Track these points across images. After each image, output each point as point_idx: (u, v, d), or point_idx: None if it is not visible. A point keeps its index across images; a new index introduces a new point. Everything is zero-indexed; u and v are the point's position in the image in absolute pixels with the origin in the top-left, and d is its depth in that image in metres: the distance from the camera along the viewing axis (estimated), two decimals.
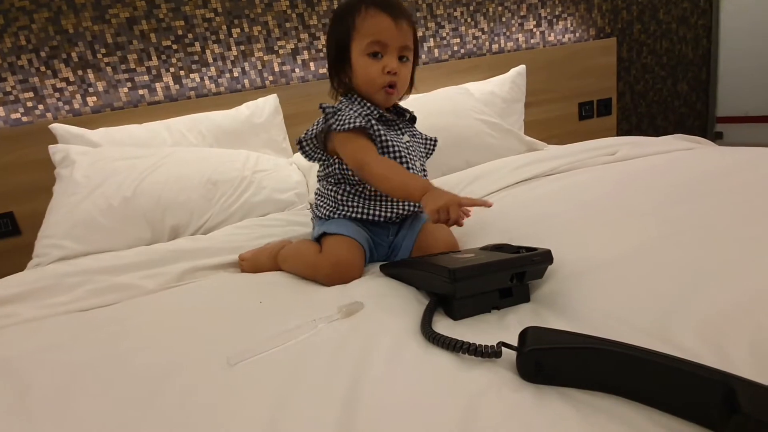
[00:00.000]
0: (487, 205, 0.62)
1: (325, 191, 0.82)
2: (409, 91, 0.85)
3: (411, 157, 0.79)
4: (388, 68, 0.74)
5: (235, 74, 1.54)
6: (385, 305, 0.53)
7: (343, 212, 0.78)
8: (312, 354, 0.44)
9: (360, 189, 0.78)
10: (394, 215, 0.79)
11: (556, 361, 0.36)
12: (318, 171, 0.85)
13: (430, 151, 0.91)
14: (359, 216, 0.77)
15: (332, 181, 0.81)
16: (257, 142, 1.35)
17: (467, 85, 1.59)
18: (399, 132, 0.82)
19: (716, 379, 0.29)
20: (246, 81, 1.55)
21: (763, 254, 0.47)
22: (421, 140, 0.88)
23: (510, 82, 1.64)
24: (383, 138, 0.75)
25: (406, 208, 0.80)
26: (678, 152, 1.09)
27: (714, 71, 2.19)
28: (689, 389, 0.31)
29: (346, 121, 0.72)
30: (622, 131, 2.11)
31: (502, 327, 0.48)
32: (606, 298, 0.48)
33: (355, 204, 0.78)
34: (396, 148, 0.76)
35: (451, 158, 1.23)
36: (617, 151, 1.13)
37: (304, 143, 0.80)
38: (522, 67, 1.69)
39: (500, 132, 1.33)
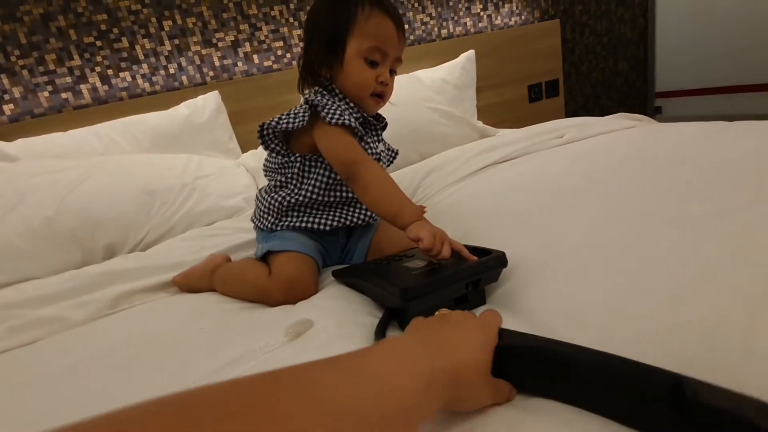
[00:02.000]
0: (472, 258, 0.53)
1: (267, 198, 0.75)
2: None
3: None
4: (382, 79, 0.69)
5: (171, 71, 1.43)
6: (336, 322, 0.50)
7: (287, 222, 0.73)
8: None
9: (308, 197, 0.71)
10: (341, 225, 0.73)
11: (504, 362, 0.34)
12: (267, 162, 0.77)
13: (389, 164, 0.86)
14: (306, 226, 0.72)
15: (280, 181, 0.74)
16: (200, 144, 1.27)
17: (417, 73, 1.56)
18: (376, 140, 0.78)
19: (662, 372, 0.28)
20: (184, 78, 1.45)
21: (706, 239, 0.48)
22: (386, 151, 0.83)
23: (460, 67, 1.63)
24: (364, 145, 0.70)
25: (357, 218, 0.74)
26: (622, 131, 1.13)
27: (651, 48, 2.28)
28: (634, 387, 0.29)
29: (340, 115, 0.65)
30: (569, 112, 2.16)
31: None
32: (557, 296, 0.48)
33: (301, 213, 0.73)
34: (374, 158, 0.72)
35: (404, 150, 1.19)
36: (565, 134, 1.15)
37: (267, 131, 0.71)
38: (471, 53, 1.68)
39: (452, 120, 1.31)
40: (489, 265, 0.50)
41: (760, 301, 0.36)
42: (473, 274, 0.49)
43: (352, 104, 0.72)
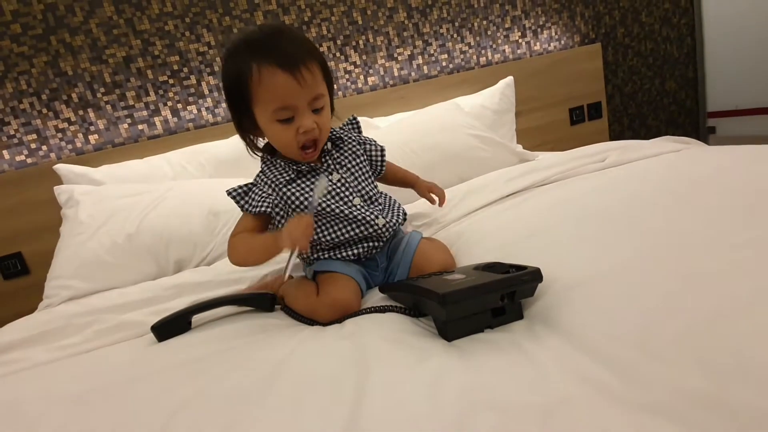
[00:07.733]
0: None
1: None
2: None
3: (344, 196, 0.75)
4: (303, 129, 0.67)
5: None
6: (383, 330, 0.55)
7: (318, 256, 0.79)
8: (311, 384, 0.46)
9: (319, 245, 0.77)
10: (362, 252, 0.76)
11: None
12: None
13: (377, 160, 0.83)
14: (333, 258, 0.77)
15: None
16: (256, 168, 1.38)
17: (457, 100, 1.62)
18: (328, 172, 0.76)
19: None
20: None
21: (743, 261, 0.49)
22: (355, 160, 0.79)
23: (499, 93, 1.67)
24: (297, 204, 0.73)
25: (369, 246, 0.76)
26: (666, 155, 1.11)
27: (701, 68, 2.21)
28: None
29: (256, 203, 0.75)
30: (614, 133, 2.13)
31: (493, 347, 0.49)
32: (593, 312, 0.50)
33: (321, 252, 0.78)
34: (331, 194, 0.74)
35: (445, 174, 1.25)
36: (606, 158, 1.14)
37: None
38: (510, 79, 1.72)
39: (491, 145, 1.35)
40: (524, 278, 0.54)
41: None
42: (508, 285, 0.52)
43: (285, 163, 0.75)
